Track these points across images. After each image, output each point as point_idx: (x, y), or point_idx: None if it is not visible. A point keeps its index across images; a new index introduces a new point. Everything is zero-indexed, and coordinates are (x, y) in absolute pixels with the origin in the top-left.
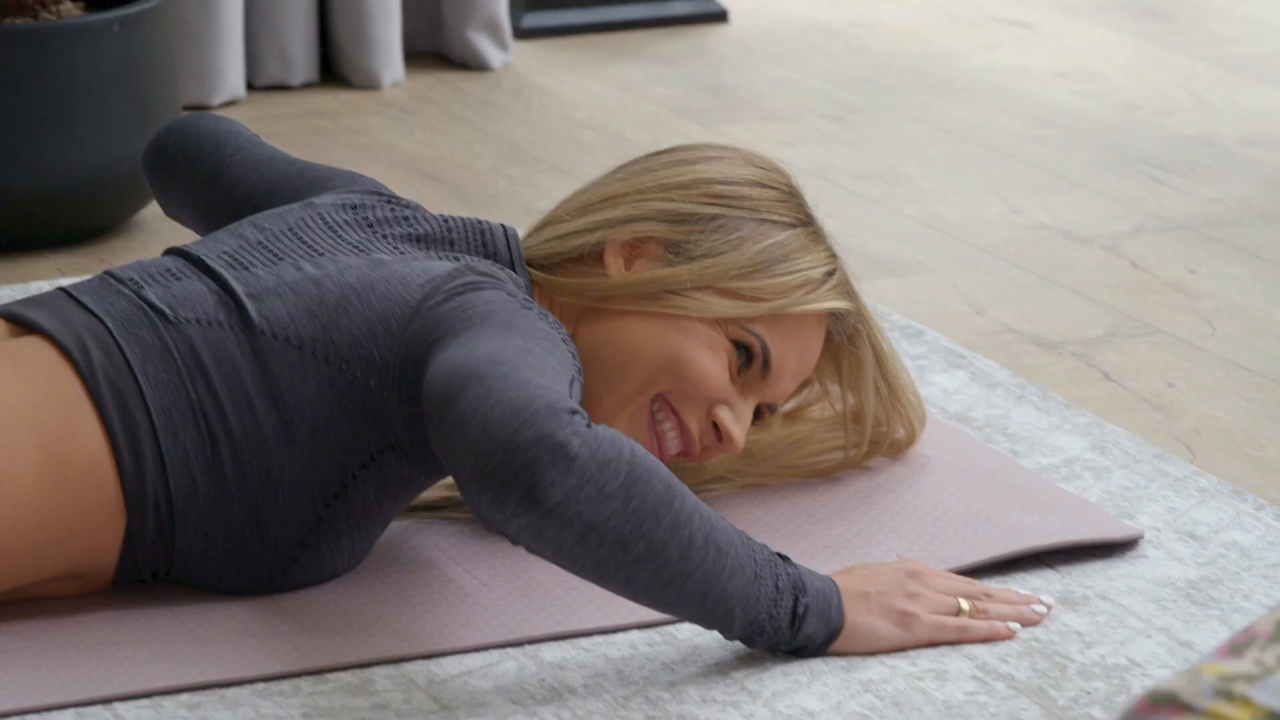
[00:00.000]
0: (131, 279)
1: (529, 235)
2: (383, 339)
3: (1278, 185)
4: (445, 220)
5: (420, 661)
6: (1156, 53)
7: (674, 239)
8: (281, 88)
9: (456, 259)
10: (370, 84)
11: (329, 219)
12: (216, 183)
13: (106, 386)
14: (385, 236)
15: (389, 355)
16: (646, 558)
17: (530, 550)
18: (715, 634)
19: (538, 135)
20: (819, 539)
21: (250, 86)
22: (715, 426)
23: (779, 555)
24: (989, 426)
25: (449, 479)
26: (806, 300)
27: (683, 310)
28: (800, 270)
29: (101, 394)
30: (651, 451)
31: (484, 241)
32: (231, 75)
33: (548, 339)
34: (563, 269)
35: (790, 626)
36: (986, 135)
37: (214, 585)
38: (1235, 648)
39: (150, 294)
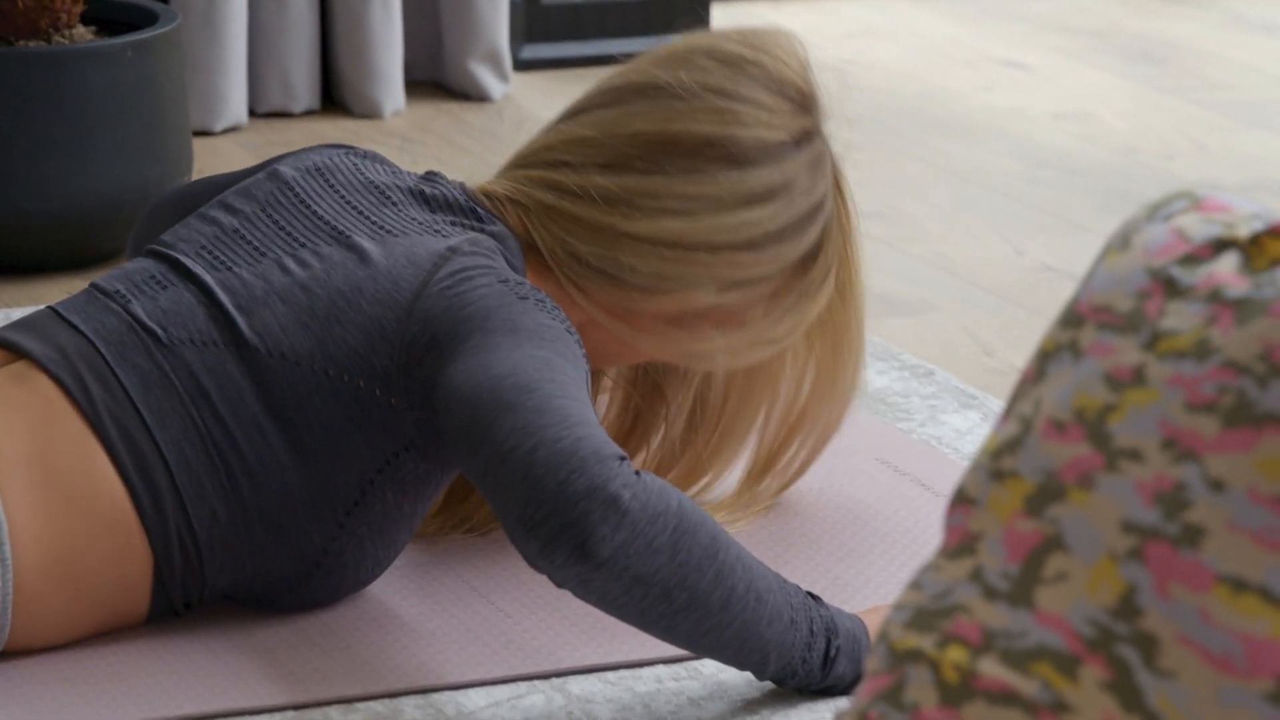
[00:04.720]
0: (118, 291)
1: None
2: (380, 346)
3: None
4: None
5: (449, 692)
6: (1154, 97)
7: (720, 303)
8: (283, 115)
9: (438, 230)
10: (372, 113)
11: (298, 189)
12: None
13: (113, 425)
14: (357, 208)
15: (389, 362)
16: (689, 608)
17: (575, 595)
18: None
19: None
20: (839, 576)
21: (252, 113)
22: None
23: (811, 596)
24: None
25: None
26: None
27: (766, 360)
28: (811, 213)
29: (109, 435)
30: None
31: (467, 206)
32: (234, 101)
33: (556, 338)
34: (587, 280)
35: (822, 668)
36: (987, 176)
37: (246, 594)
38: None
39: (139, 309)
